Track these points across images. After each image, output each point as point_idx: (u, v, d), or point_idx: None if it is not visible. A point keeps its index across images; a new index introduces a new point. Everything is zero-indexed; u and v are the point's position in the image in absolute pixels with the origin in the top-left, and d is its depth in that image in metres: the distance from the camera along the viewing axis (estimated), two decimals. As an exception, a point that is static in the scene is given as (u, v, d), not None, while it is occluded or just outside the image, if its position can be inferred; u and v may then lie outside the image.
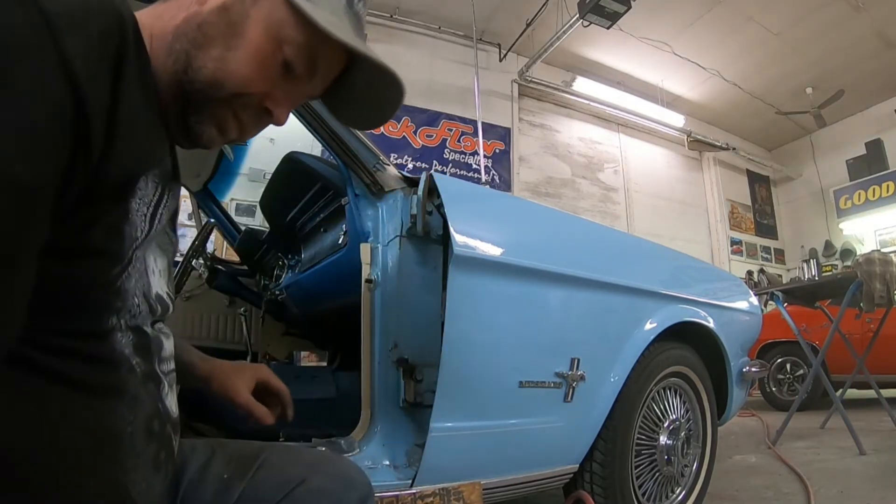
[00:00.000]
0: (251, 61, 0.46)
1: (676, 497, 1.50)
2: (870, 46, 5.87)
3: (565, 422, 1.19)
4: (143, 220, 0.45)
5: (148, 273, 0.48)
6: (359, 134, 1.13)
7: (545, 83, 6.15)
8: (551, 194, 6.28)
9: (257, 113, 0.50)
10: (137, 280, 0.46)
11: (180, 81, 0.46)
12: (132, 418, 0.45)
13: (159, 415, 0.49)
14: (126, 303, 0.45)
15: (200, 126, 0.48)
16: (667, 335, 1.39)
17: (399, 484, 0.97)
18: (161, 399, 0.50)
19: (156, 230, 0.48)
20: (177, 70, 0.46)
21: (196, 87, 0.46)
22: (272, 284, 2.04)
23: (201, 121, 0.48)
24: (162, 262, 0.53)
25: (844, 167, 7.36)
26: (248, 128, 0.51)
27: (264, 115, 0.51)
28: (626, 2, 4.36)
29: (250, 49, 0.46)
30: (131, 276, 0.45)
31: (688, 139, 7.22)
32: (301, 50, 0.48)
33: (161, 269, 0.53)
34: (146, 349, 0.48)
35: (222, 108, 0.48)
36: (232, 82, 0.46)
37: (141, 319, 0.48)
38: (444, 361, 0.96)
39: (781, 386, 4.38)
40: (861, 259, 2.66)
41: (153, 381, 0.49)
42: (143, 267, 0.47)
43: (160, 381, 0.50)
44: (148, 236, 0.46)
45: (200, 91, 0.46)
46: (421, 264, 1.11)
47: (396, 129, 5.53)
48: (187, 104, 0.47)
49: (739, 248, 7.68)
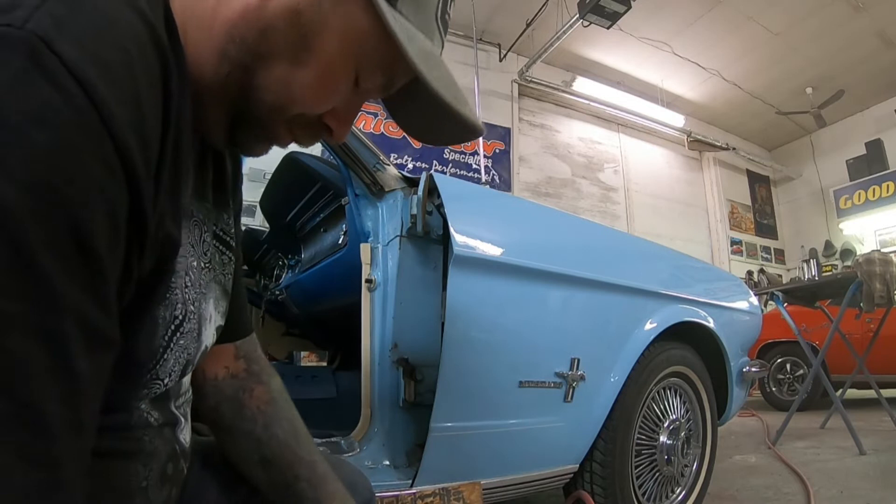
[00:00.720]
0: (324, 82, 0.39)
1: (676, 497, 1.50)
2: (870, 46, 5.87)
3: (565, 422, 1.19)
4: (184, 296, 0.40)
5: (202, 331, 0.44)
6: (359, 134, 1.13)
7: (545, 83, 6.15)
8: (551, 194, 6.28)
9: (315, 128, 0.43)
10: (178, 356, 0.41)
11: (233, 97, 0.39)
12: (147, 473, 0.42)
13: (174, 456, 0.47)
14: (154, 387, 0.40)
15: (252, 141, 0.43)
16: (667, 335, 1.39)
17: (399, 484, 0.97)
18: (177, 440, 0.47)
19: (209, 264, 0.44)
20: (229, 83, 0.38)
21: (255, 111, 0.39)
22: (272, 284, 2.04)
23: (252, 136, 0.42)
24: (216, 293, 0.48)
25: (844, 167, 7.36)
26: (302, 141, 0.45)
27: (322, 131, 0.44)
28: (626, 2, 4.36)
29: (323, 67, 0.38)
30: (168, 361, 0.40)
31: (688, 139, 7.22)
32: (379, 70, 0.41)
33: (216, 305, 0.48)
34: (165, 398, 0.45)
35: (279, 127, 0.42)
36: (298, 106, 0.40)
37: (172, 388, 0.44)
38: (444, 361, 0.96)
39: (781, 386, 4.38)
40: (861, 259, 2.66)
41: (170, 425, 0.46)
42: (196, 331, 0.42)
43: (177, 422, 0.47)
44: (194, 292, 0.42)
45: (259, 114, 0.40)
46: (421, 264, 1.11)
47: (396, 128, 5.52)
48: (238, 121, 0.41)
49: (739, 248, 7.68)
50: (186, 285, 0.41)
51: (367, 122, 5.37)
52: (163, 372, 0.40)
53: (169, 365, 0.40)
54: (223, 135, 0.42)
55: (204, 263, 0.45)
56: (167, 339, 0.39)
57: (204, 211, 0.46)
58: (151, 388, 0.40)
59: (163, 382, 0.41)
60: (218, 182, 0.49)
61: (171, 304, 0.39)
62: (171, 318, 0.39)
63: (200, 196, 0.45)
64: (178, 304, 0.39)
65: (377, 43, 0.38)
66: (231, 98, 0.39)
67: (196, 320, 0.43)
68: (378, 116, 5.46)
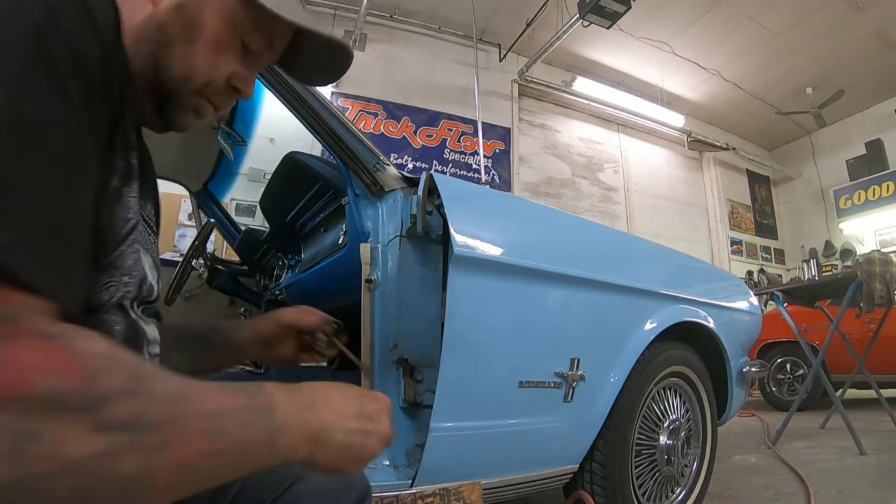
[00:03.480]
0: (214, 52, 0.50)
1: (676, 497, 1.50)
2: (870, 46, 5.87)
3: (565, 422, 1.18)
4: (134, 204, 0.48)
5: (142, 261, 0.51)
6: (359, 134, 1.13)
7: (545, 83, 6.15)
8: (551, 194, 6.28)
9: (226, 92, 0.54)
10: (132, 264, 0.48)
11: (151, 80, 0.49)
12: None
13: None
14: (115, 279, 0.46)
15: (178, 115, 0.53)
16: (667, 335, 1.39)
17: (399, 484, 0.97)
18: None
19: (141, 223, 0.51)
20: (146, 71, 0.49)
21: (168, 85, 0.50)
22: (272, 284, 2.04)
23: (177, 110, 0.52)
24: (147, 258, 0.54)
25: (844, 167, 7.36)
26: (221, 106, 0.55)
27: (233, 92, 0.54)
28: (626, 2, 4.36)
29: (211, 41, 0.50)
30: (125, 257, 0.47)
31: (688, 139, 7.22)
32: (257, 32, 0.52)
33: (149, 265, 0.54)
34: (134, 335, 0.50)
35: (196, 97, 0.52)
36: (200, 74, 0.50)
37: (128, 300, 0.49)
38: (443, 361, 0.96)
39: (781, 386, 4.38)
40: (861, 259, 2.66)
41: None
42: (137, 255, 0.50)
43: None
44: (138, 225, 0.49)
45: (173, 88, 0.50)
46: (421, 264, 1.11)
47: (396, 129, 5.53)
48: (161, 98, 0.51)
49: (739, 248, 7.68)
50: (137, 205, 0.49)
51: (368, 122, 5.37)
52: (121, 264, 0.47)
53: (127, 263, 0.47)
54: (157, 118, 0.52)
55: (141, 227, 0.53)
56: (125, 234, 0.47)
57: (147, 185, 0.55)
58: (109, 285, 0.46)
59: (121, 282, 0.47)
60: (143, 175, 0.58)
61: (126, 206, 0.47)
62: (125, 217, 0.47)
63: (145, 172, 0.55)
64: (131, 210, 0.48)
65: (246, 10, 0.50)
66: (151, 84, 0.49)
67: (138, 244, 0.50)
68: (378, 116, 5.46)
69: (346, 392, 0.46)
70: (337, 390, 0.46)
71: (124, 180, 0.47)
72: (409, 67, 5.66)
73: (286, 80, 1.04)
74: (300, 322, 0.74)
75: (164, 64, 0.49)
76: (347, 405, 0.45)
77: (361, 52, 5.40)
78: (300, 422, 0.40)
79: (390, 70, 5.58)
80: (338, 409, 0.44)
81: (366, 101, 5.42)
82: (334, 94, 5.22)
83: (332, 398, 0.44)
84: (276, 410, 0.38)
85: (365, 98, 5.42)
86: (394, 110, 5.55)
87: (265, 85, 1.04)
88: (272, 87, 1.04)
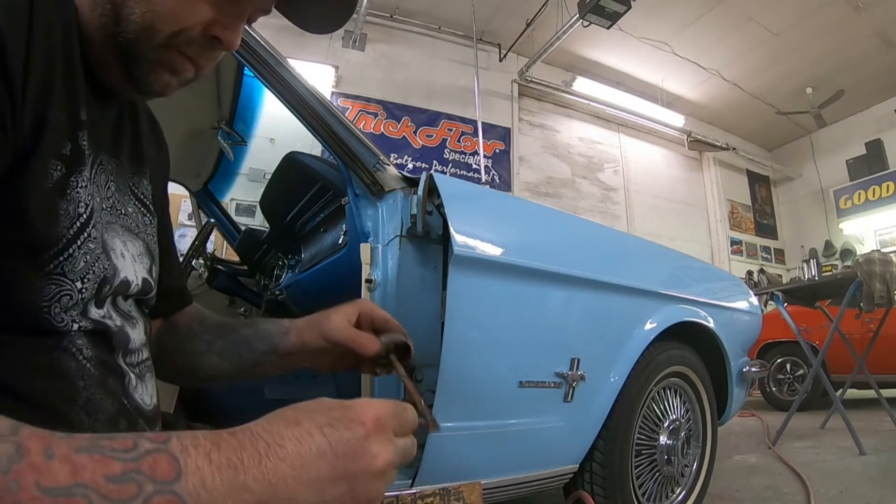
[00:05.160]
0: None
1: (676, 497, 1.50)
2: (870, 46, 5.87)
3: (565, 422, 1.18)
4: (87, 196, 0.43)
5: (110, 255, 0.46)
6: (359, 134, 1.13)
7: (545, 83, 6.15)
8: (551, 194, 6.28)
9: (205, 44, 0.46)
10: (85, 266, 0.43)
11: (112, 34, 0.43)
12: (91, 423, 0.42)
13: (125, 412, 0.47)
14: (65, 287, 0.41)
15: (148, 75, 0.46)
16: (667, 335, 1.39)
17: (399, 484, 0.97)
18: (127, 394, 0.48)
19: (112, 208, 0.47)
20: (105, 24, 0.43)
21: (131, 38, 0.43)
22: (272, 284, 2.04)
23: (148, 69, 0.45)
24: (134, 245, 0.51)
25: (844, 167, 7.36)
26: (201, 62, 0.48)
27: (214, 44, 0.47)
28: (626, 2, 4.36)
29: None
30: (75, 260, 0.42)
31: (688, 139, 7.22)
32: None
33: (134, 254, 0.50)
34: (106, 344, 0.46)
35: (165, 52, 0.45)
36: (166, 22, 0.43)
37: (93, 310, 0.45)
38: (443, 361, 0.96)
39: (781, 386, 4.38)
40: (861, 259, 2.66)
41: (115, 376, 0.47)
42: (97, 252, 0.44)
43: (123, 375, 0.48)
44: (99, 215, 0.45)
45: (136, 41, 0.43)
46: (421, 264, 1.11)
47: (396, 129, 5.54)
48: (127, 56, 0.44)
49: (739, 248, 7.68)
50: (90, 195, 0.44)
51: (368, 122, 5.37)
52: (70, 270, 0.41)
53: (78, 266, 0.42)
54: (127, 81, 0.46)
55: (107, 206, 0.48)
56: (73, 235, 0.41)
57: (114, 164, 0.50)
58: (61, 288, 0.41)
59: (74, 285, 0.42)
60: (134, 148, 0.55)
61: (73, 200, 0.42)
62: (74, 213, 0.42)
63: (111, 151, 0.50)
64: (82, 204, 0.42)
65: None
66: (111, 36, 0.43)
67: (100, 238, 0.45)
68: (378, 116, 5.47)
69: (307, 425, 0.33)
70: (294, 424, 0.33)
71: (70, 168, 0.41)
72: (409, 67, 5.66)
73: (286, 80, 1.04)
74: (354, 347, 0.63)
75: (124, 14, 0.42)
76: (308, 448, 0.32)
77: (361, 52, 5.41)
78: (228, 491, 0.28)
79: (390, 70, 5.58)
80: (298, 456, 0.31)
81: (366, 101, 5.42)
82: (334, 94, 5.22)
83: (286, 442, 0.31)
84: (182, 478, 0.27)
85: (365, 98, 5.42)
86: (394, 110, 5.55)
87: (265, 85, 1.04)
88: (272, 87, 1.04)
